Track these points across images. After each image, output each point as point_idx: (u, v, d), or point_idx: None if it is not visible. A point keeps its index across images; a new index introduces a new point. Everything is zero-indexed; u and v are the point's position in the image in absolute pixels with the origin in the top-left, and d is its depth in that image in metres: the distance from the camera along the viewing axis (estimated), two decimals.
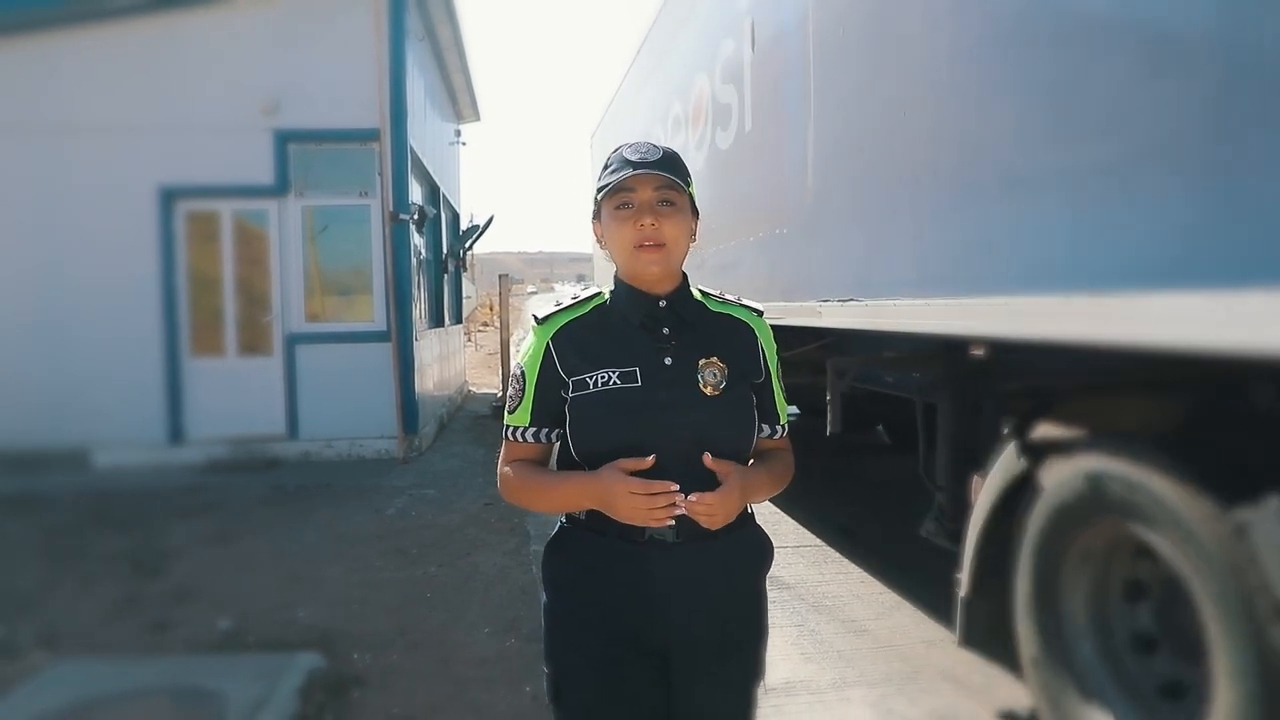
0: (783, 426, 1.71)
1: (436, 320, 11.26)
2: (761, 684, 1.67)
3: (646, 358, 1.56)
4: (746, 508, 1.63)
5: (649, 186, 1.55)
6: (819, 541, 5.26)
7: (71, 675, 3.34)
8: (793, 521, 5.63)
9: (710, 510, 1.48)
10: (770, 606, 1.70)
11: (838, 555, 4.99)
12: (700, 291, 1.69)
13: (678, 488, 1.46)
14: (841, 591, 4.38)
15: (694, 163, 5.95)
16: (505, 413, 1.68)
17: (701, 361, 1.56)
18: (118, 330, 7.90)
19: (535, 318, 1.65)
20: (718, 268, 5.42)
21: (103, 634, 3.96)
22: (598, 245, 1.66)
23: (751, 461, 1.65)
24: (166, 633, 3.99)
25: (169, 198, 8.00)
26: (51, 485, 6.99)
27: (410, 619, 4.09)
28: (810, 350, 4.96)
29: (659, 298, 1.60)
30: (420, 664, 3.58)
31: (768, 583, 1.70)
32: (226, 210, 8.18)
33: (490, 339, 22.91)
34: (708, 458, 1.50)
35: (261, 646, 3.76)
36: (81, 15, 7.86)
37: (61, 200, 7.86)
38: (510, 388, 1.67)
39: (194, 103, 7.96)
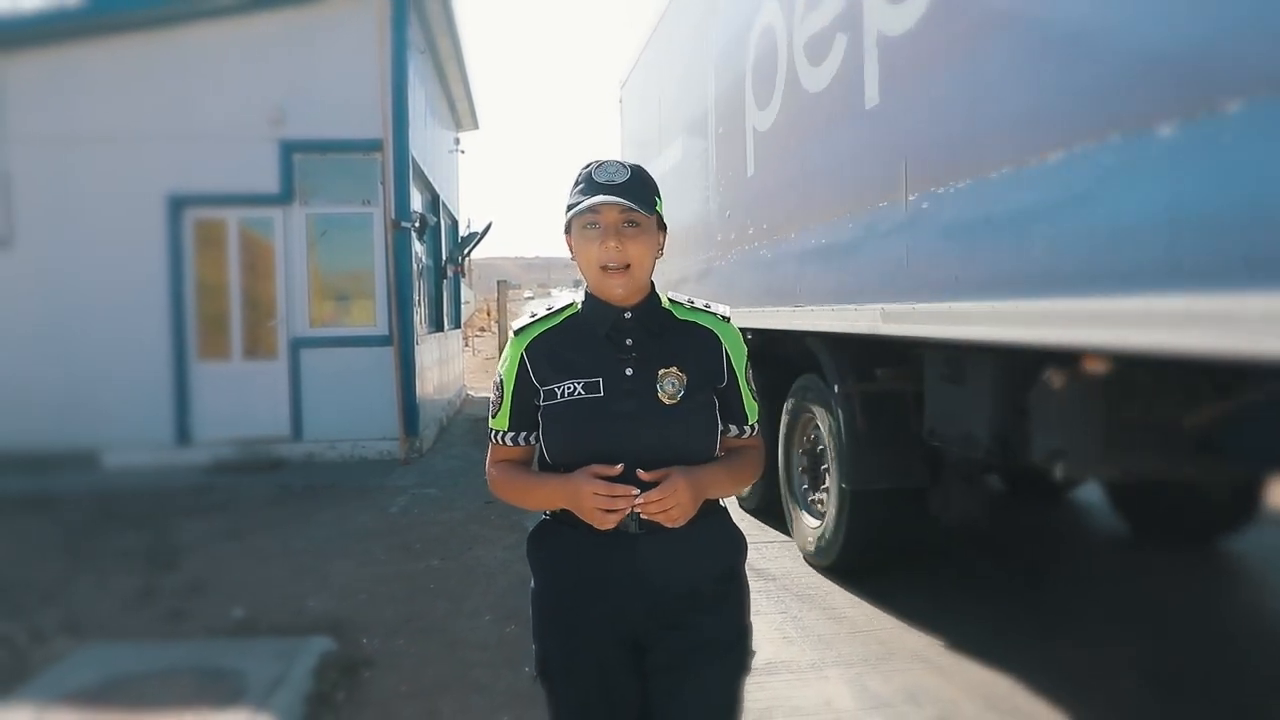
0: (751, 426, 1.79)
1: (436, 325, 11.49)
2: (745, 678, 1.72)
3: (610, 368, 1.66)
4: (716, 501, 1.74)
5: (614, 210, 1.62)
6: None
7: (99, 657, 3.56)
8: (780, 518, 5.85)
9: (662, 506, 1.57)
10: (756, 595, 1.84)
11: None
12: (669, 300, 1.77)
13: (639, 493, 1.57)
14: (823, 582, 4.61)
15: (851, 58, 3.56)
16: (489, 416, 1.79)
17: (661, 371, 1.65)
18: (126, 334, 8.13)
19: (512, 329, 1.78)
20: (952, 228, 2.91)
21: (123, 623, 4.18)
22: (570, 256, 1.74)
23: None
24: (183, 621, 4.20)
25: (177, 206, 8.24)
26: (63, 485, 7.21)
27: (416, 608, 4.31)
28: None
29: (624, 310, 1.70)
30: (426, 648, 3.81)
31: (757, 575, 1.85)
32: (233, 218, 8.42)
33: (488, 344, 23.16)
34: (641, 473, 1.58)
35: (275, 633, 3.98)
36: (93, 28, 8.11)
37: (72, 207, 8.09)
38: (493, 393, 1.80)
39: (202, 113, 8.20)
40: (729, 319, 1.79)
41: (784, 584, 4.61)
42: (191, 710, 3.06)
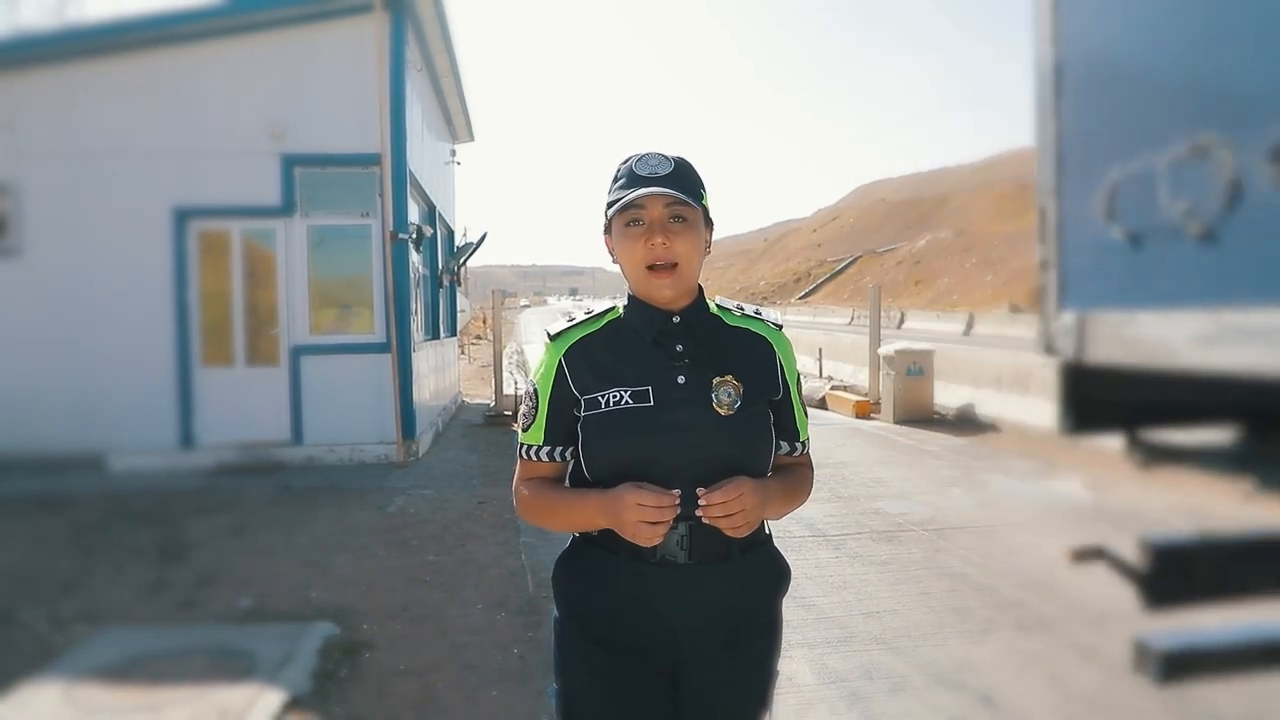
0: (803, 444, 1.67)
1: (433, 333, 11.78)
2: (769, 711, 1.64)
3: (659, 376, 1.53)
4: (764, 528, 1.60)
5: (659, 203, 1.51)
6: (781, 533, 5.79)
7: (120, 639, 3.85)
8: None
9: (727, 510, 1.44)
10: None
11: (797, 544, 5.52)
12: (717, 305, 1.66)
13: (679, 494, 1.44)
14: (796, 574, 4.83)
15: None
16: (519, 430, 1.66)
17: (716, 380, 1.53)
18: (133, 341, 8.41)
19: (548, 333, 1.64)
20: None
21: (138, 611, 4.46)
22: (610, 259, 1.62)
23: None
24: (194, 610, 4.49)
25: (182, 218, 8.54)
26: (72, 486, 7.47)
27: (412, 597, 4.60)
28: None
29: (673, 313, 1.57)
30: (421, 632, 4.10)
31: None
32: (236, 229, 8.71)
33: (483, 352, 23.41)
34: (701, 491, 1.46)
35: (281, 619, 4.26)
36: (102, 48, 8.42)
37: (81, 219, 8.38)
38: (523, 405, 1.65)
39: (206, 129, 8.51)
40: (781, 327, 1.69)
41: None
42: (208, 684, 3.35)
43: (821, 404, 12.78)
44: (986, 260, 53.15)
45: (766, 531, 1.63)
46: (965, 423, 10.69)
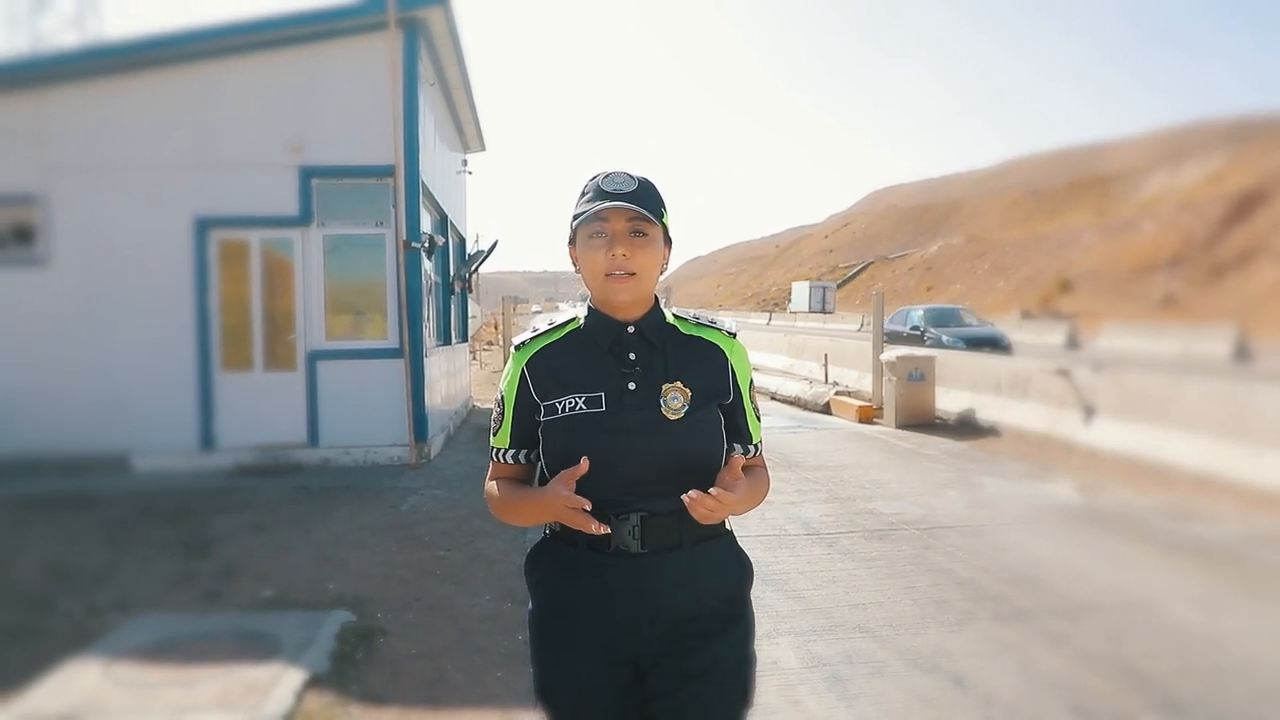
0: (755, 446, 1.77)
1: (445, 339, 12.07)
2: (748, 708, 1.68)
3: (612, 383, 1.65)
4: (723, 523, 1.70)
5: (622, 217, 1.62)
6: (777, 531, 6.03)
7: (153, 625, 4.14)
8: (755, 514, 6.39)
9: (711, 510, 1.53)
10: None
11: (792, 541, 5.76)
12: (674, 316, 1.76)
13: (589, 506, 1.53)
14: (789, 569, 5.15)
15: None
16: (491, 434, 1.79)
17: (665, 386, 1.64)
18: (156, 347, 8.73)
19: (513, 344, 1.78)
20: None
21: (167, 600, 4.74)
22: (574, 268, 1.73)
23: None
24: (219, 600, 4.76)
25: (203, 227, 8.86)
26: (98, 486, 7.78)
27: (424, 589, 4.87)
28: None
29: (627, 324, 1.68)
30: (433, 620, 4.36)
31: None
32: (255, 239, 9.03)
33: (494, 357, 23.73)
34: (687, 498, 1.53)
35: (301, 608, 4.53)
36: (127, 65, 8.77)
37: (108, 229, 8.72)
38: (494, 410, 1.79)
39: (227, 142, 8.84)
40: (735, 335, 1.80)
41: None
42: (235, 664, 3.62)
43: (826, 409, 13.00)
44: (998, 266, 53.17)
45: (727, 527, 1.73)
46: (965, 427, 10.90)
